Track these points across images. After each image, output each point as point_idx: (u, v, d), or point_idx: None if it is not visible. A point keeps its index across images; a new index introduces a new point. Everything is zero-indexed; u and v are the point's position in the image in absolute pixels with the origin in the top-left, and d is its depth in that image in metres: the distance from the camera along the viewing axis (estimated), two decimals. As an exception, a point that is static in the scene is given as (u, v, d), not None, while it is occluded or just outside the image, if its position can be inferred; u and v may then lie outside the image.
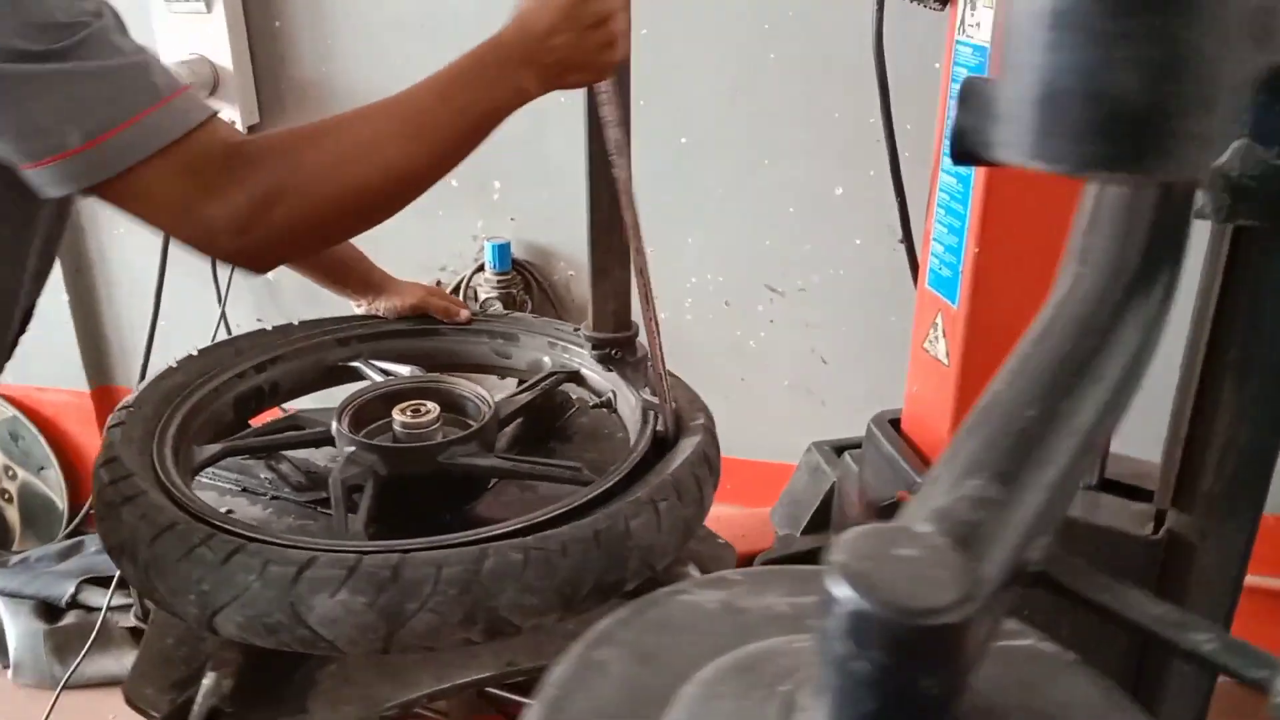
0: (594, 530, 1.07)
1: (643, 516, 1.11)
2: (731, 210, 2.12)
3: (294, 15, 2.25)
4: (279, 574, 0.99)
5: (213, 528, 1.05)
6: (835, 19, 1.93)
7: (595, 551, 1.07)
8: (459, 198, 2.30)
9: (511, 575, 1.02)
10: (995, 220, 1.33)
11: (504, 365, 1.60)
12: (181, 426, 1.29)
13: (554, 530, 1.07)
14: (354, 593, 0.99)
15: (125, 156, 0.93)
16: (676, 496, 1.16)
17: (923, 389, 1.52)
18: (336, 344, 1.57)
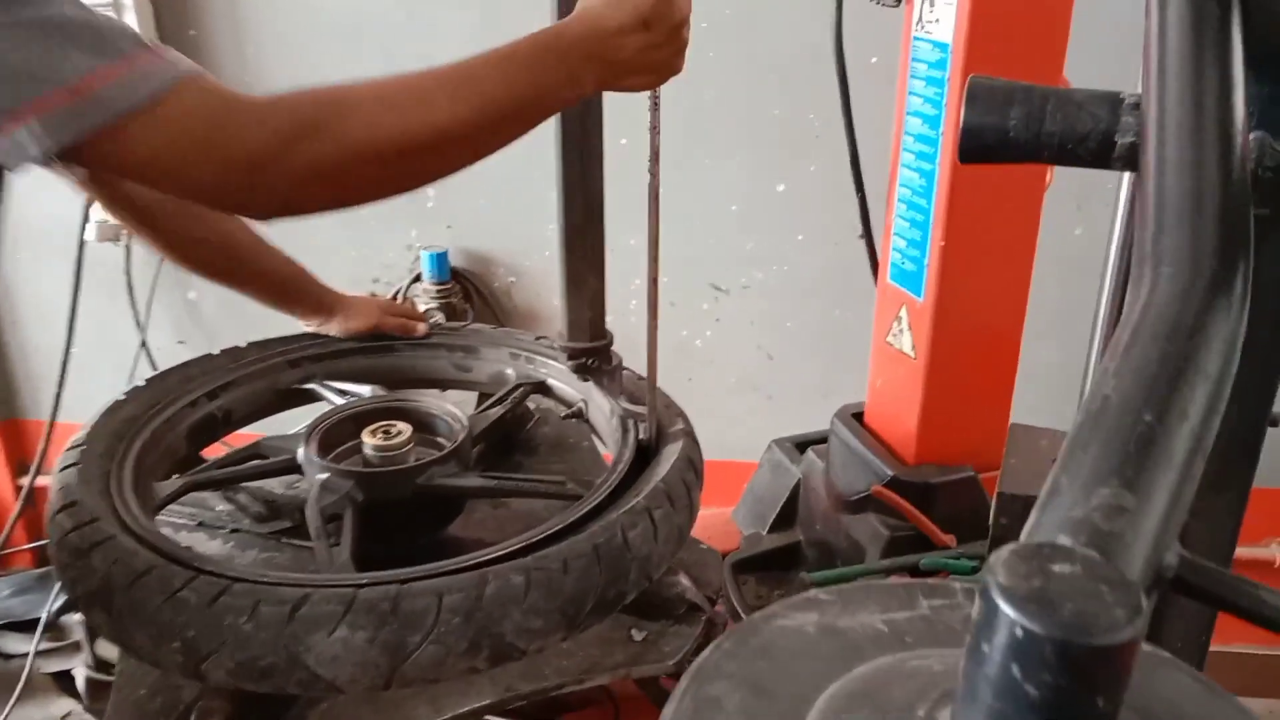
0: (593, 545, 1.05)
1: (639, 526, 1.09)
2: (673, 210, 2.07)
3: (210, 22, 2.15)
4: (272, 614, 0.94)
5: (194, 570, 0.99)
6: (773, 16, 1.94)
7: (596, 567, 1.04)
8: (391, 206, 2.21)
9: (514, 599, 0.99)
10: (961, 213, 1.35)
11: (465, 379, 1.56)
12: (138, 462, 1.21)
13: (552, 548, 1.04)
14: (353, 628, 0.94)
15: (120, 102, 0.83)
16: (669, 503, 1.14)
17: (887, 382, 1.54)
18: (289, 366, 1.50)
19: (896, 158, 1.45)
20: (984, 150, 0.89)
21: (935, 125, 1.35)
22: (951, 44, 1.29)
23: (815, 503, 1.64)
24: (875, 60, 1.53)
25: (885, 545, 1.45)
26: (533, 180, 2.16)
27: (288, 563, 1.27)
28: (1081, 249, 1.94)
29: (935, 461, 1.49)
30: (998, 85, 0.87)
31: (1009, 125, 0.86)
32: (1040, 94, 0.87)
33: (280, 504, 1.35)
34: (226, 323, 2.42)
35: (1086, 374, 1.07)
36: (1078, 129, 0.85)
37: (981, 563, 1.40)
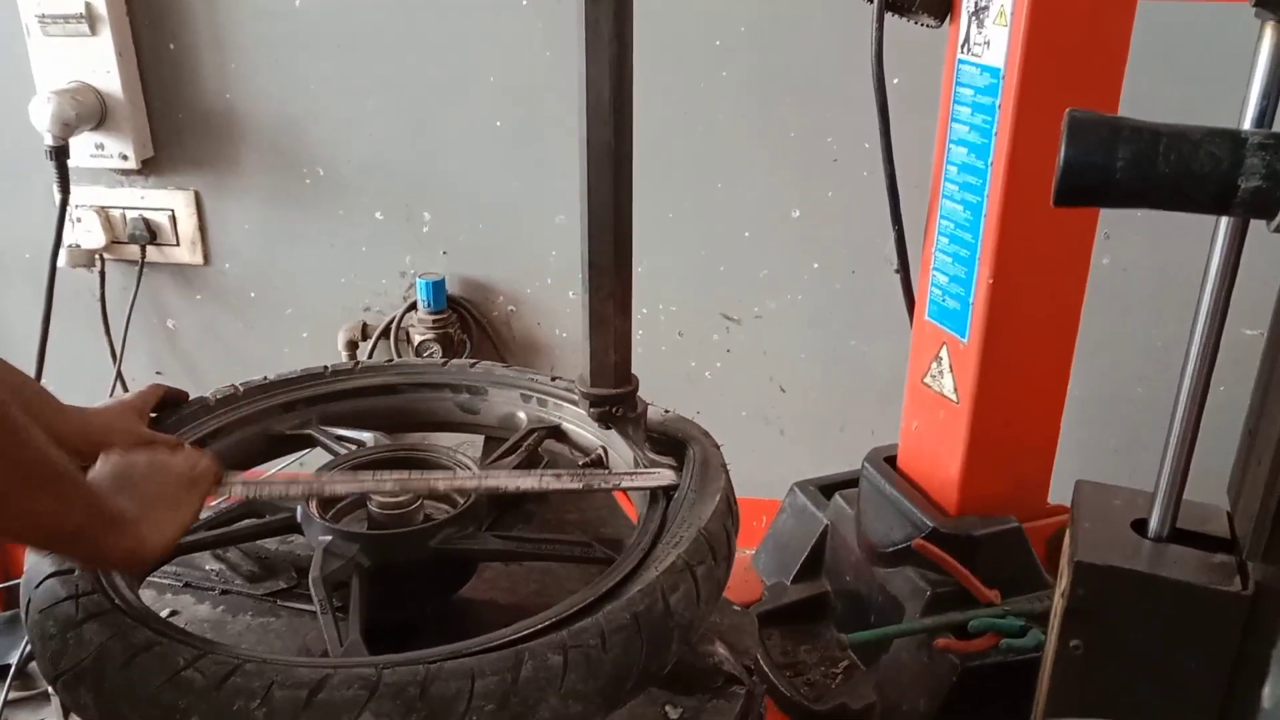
0: (632, 613, 0.94)
1: (681, 589, 0.98)
2: (684, 236, 2.02)
3: (191, 36, 2.04)
4: (287, 699, 0.83)
5: (199, 646, 0.88)
6: (790, 34, 1.85)
7: (638, 639, 0.94)
8: (384, 231, 2.13)
9: (551, 681, 0.88)
10: (1012, 249, 1.26)
11: (470, 422, 1.45)
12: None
13: (589, 620, 0.93)
14: (378, 716, 0.84)
15: None
16: (711, 556, 1.03)
17: (926, 426, 1.44)
18: (282, 409, 1.39)
19: (937, 188, 1.36)
20: (1085, 192, 0.80)
21: (984, 155, 1.26)
22: (1004, 69, 1.21)
23: (845, 552, 1.54)
24: (896, 82, 1.43)
25: (927, 602, 1.36)
26: (532, 203, 2.07)
27: (285, 629, 1.16)
28: (1110, 279, 1.86)
29: (978, 511, 1.40)
30: (1102, 120, 0.78)
31: (1116, 165, 0.77)
32: (1151, 131, 0.78)
33: (274, 561, 1.24)
34: (206, 353, 2.29)
35: (1176, 408, 0.98)
36: (1194, 170, 0.76)
37: (1031, 622, 1.31)
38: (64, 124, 1.96)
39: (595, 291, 1.15)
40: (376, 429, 1.36)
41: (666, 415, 1.31)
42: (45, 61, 2.01)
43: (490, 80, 1.98)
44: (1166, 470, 0.99)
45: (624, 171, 1.10)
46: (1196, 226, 1.13)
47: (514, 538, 1.17)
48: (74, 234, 2.16)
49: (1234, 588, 0.94)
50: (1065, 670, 1.02)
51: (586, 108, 1.06)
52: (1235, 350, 0.97)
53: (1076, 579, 0.98)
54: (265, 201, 2.15)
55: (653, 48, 1.86)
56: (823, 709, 1.39)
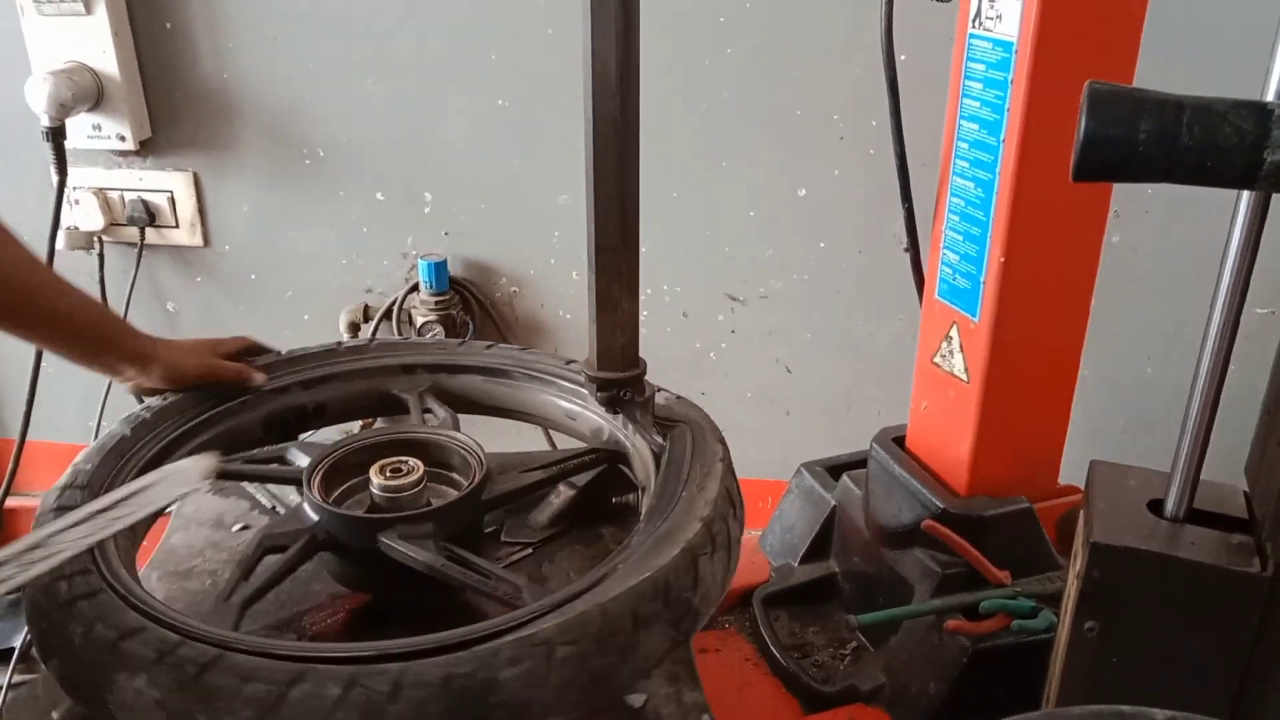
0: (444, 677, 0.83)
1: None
2: (689, 216, 2.00)
3: (187, 15, 2.01)
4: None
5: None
6: (795, 11, 1.83)
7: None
8: (385, 211, 2.11)
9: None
10: (1025, 227, 1.23)
11: (570, 428, 1.36)
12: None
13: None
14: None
15: None
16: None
17: (935, 407, 1.43)
18: (401, 371, 1.38)
19: (947, 165, 1.34)
20: (1106, 167, 0.78)
21: (995, 131, 1.24)
22: (1017, 42, 1.18)
23: (853, 534, 1.53)
24: (904, 58, 1.41)
25: (937, 583, 1.34)
26: (535, 183, 2.04)
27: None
28: (1120, 257, 1.84)
29: (987, 492, 1.39)
30: (1124, 92, 0.76)
31: (1138, 139, 0.75)
32: (1174, 103, 0.75)
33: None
34: (206, 335, 2.26)
35: (1194, 386, 0.96)
36: (1219, 144, 0.74)
37: (1042, 603, 1.30)
38: (60, 105, 1.93)
39: (601, 272, 1.14)
40: (481, 412, 1.37)
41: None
42: (40, 42, 1.98)
43: (492, 59, 1.95)
44: (1184, 450, 0.98)
45: (630, 148, 1.08)
46: (1208, 204, 1.12)
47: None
48: (72, 216, 2.14)
49: (1253, 569, 0.93)
50: (1079, 653, 1.00)
51: (592, 83, 1.04)
52: (1246, 328, 0.95)
53: (1092, 560, 0.97)
54: (265, 183, 2.13)
55: (656, 24, 1.83)
56: (831, 691, 1.38)
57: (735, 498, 1.11)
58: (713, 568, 0.98)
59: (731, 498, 1.09)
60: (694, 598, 0.94)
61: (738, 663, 1.46)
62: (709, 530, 1.00)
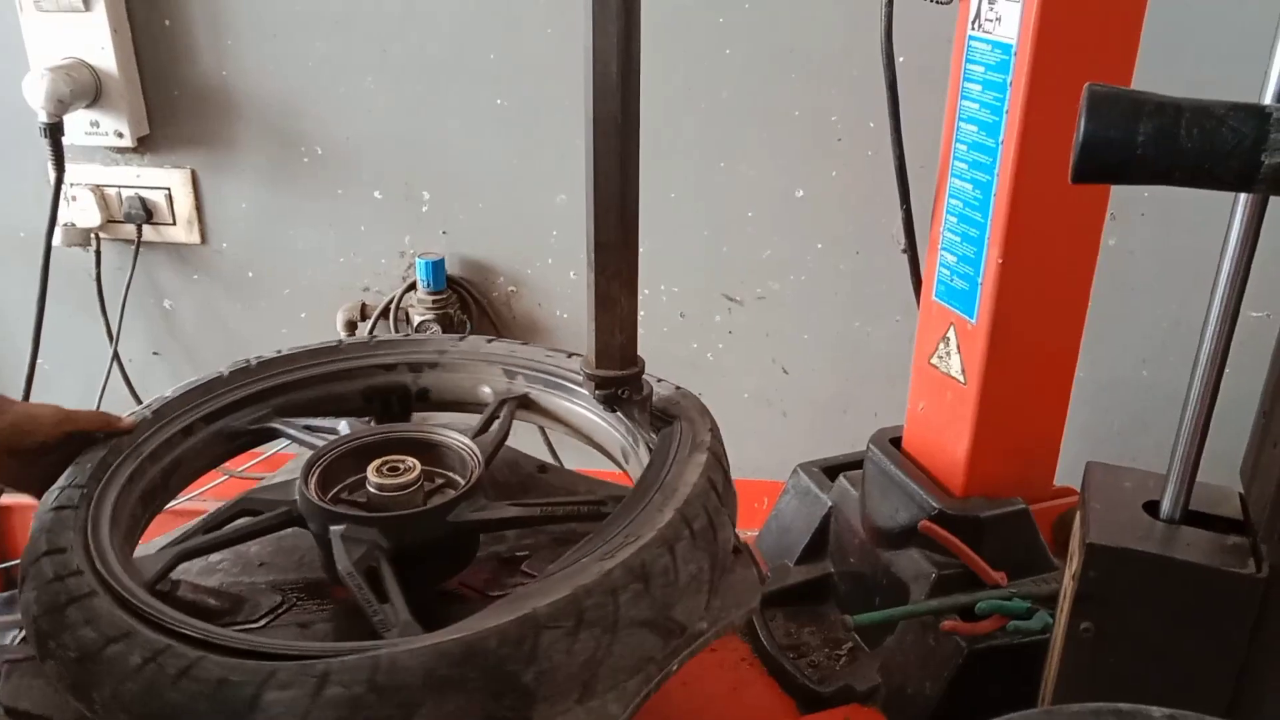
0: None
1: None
2: (686, 216, 2.00)
3: (186, 13, 2.01)
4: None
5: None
6: (794, 12, 1.83)
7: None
8: (383, 210, 2.11)
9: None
10: (1023, 229, 1.24)
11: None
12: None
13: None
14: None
15: None
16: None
17: (932, 408, 1.43)
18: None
19: (946, 167, 1.34)
20: (1104, 169, 0.78)
21: (994, 133, 1.24)
22: (1016, 45, 1.19)
23: (849, 534, 1.53)
24: (903, 60, 1.41)
25: (932, 584, 1.35)
26: (533, 182, 2.04)
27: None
28: (1116, 260, 1.84)
29: (984, 493, 1.39)
30: (1123, 95, 0.76)
31: (1137, 141, 0.76)
32: (1173, 105, 0.76)
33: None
34: (203, 333, 2.27)
35: (1190, 388, 0.96)
36: (1217, 146, 0.75)
37: (1037, 604, 1.30)
38: (58, 101, 1.93)
39: (600, 270, 1.14)
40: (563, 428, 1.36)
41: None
42: (39, 38, 1.98)
43: (491, 58, 1.96)
44: (1180, 451, 0.98)
45: (631, 147, 1.08)
46: (1204, 207, 1.12)
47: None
48: (69, 213, 2.13)
49: (1247, 570, 0.93)
50: (1075, 653, 1.01)
51: (593, 81, 1.04)
52: (1242, 331, 0.95)
53: (1088, 561, 0.97)
54: (263, 180, 2.12)
55: (655, 25, 1.83)
56: (827, 691, 1.38)
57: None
58: (567, 644, 0.87)
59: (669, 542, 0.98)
60: (524, 672, 0.84)
61: (733, 663, 1.46)
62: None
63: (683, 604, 0.96)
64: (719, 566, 1.03)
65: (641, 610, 0.91)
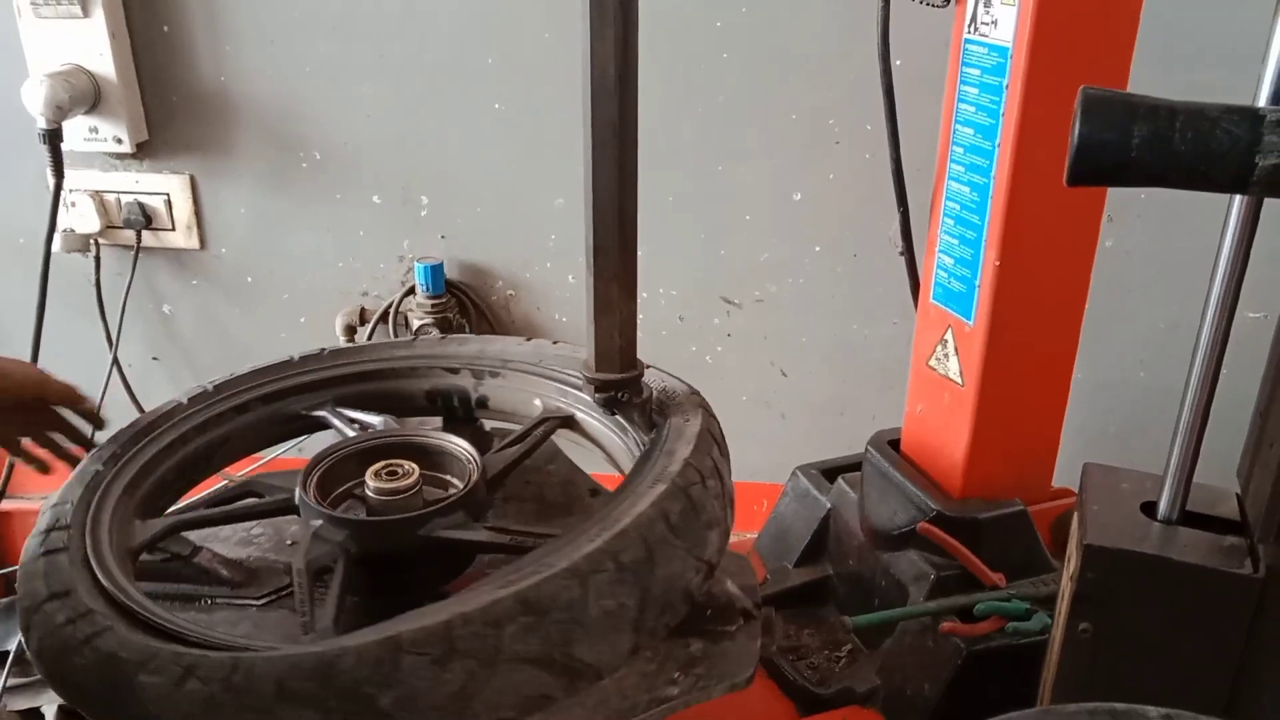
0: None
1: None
2: (684, 219, 2.00)
3: (185, 18, 2.01)
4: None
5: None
6: (791, 16, 1.83)
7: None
8: (382, 215, 2.11)
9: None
10: (1019, 231, 1.24)
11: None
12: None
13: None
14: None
15: None
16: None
17: (930, 410, 1.43)
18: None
19: (943, 170, 1.35)
20: (1100, 173, 0.78)
21: (990, 136, 1.25)
22: (1012, 48, 1.19)
23: (848, 536, 1.54)
24: (900, 63, 1.42)
25: (931, 585, 1.35)
26: (531, 187, 2.05)
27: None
28: (1113, 262, 1.85)
29: (982, 494, 1.39)
30: (1117, 98, 0.77)
31: (1132, 144, 0.76)
32: (1167, 108, 0.76)
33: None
34: (202, 338, 2.28)
35: (1187, 390, 0.97)
36: (1211, 149, 0.75)
37: (1036, 606, 1.30)
38: (57, 107, 1.93)
39: (599, 274, 1.14)
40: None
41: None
42: (37, 44, 1.98)
43: (489, 62, 1.96)
44: (1176, 452, 0.98)
45: (629, 151, 1.08)
46: (1200, 209, 1.13)
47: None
48: (68, 218, 2.13)
49: (1245, 571, 0.94)
50: (1073, 654, 1.01)
51: (591, 85, 1.04)
52: (1238, 333, 0.95)
53: (1086, 562, 0.98)
54: (261, 185, 2.13)
55: (652, 28, 1.84)
56: (826, 693, 1.39)
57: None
58: (433, 671, 0.84)
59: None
60: (380, 696, 0.82)
61: (733, 665, 1.46)
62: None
63: (591, 643, 0.89)
64: (663, 606, 0.95)
65: (531, 645, 0.86)
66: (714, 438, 1.15)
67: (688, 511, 0.99)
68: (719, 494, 1.06)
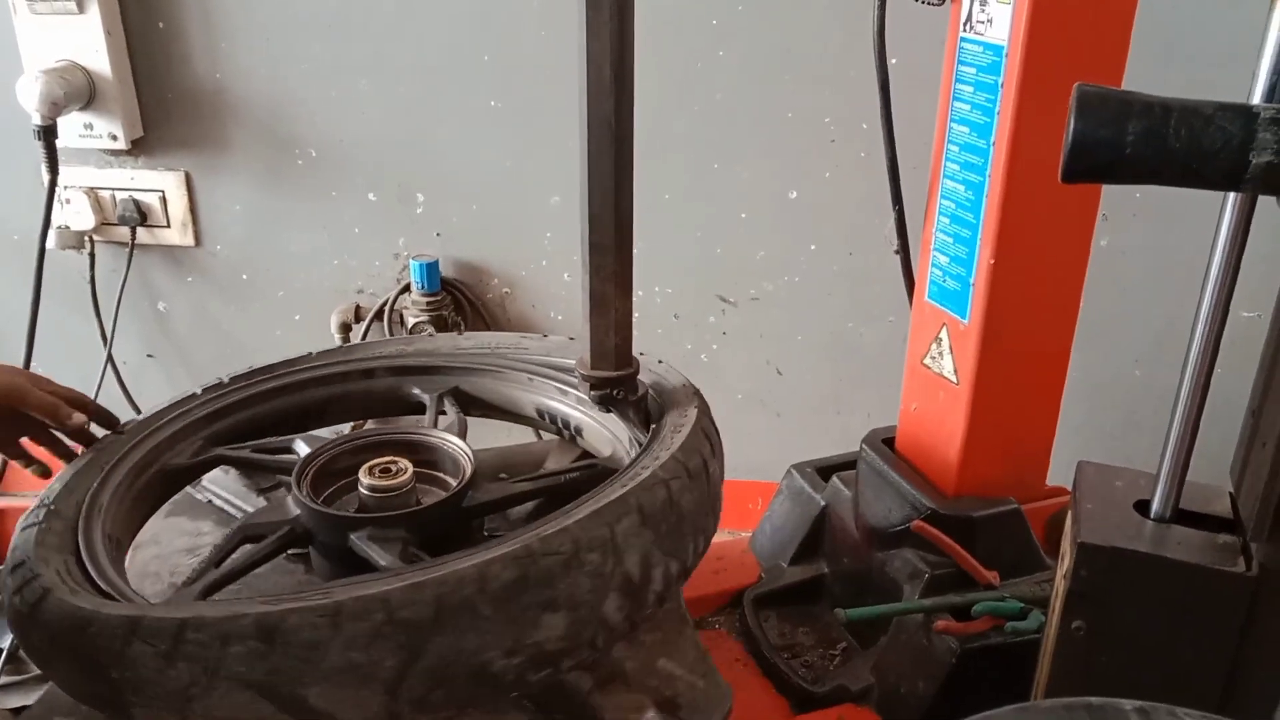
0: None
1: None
2: (680, 217, 2.00)
3: (180, 15, 2.01)
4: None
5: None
6: (788, 14, 1.83)
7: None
8: (377, 212, 2.11)
9: None
10: (1014, 230, 1.25)
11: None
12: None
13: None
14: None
15: None
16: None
17: (925, 408, 1.43)
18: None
19: (938, 168, 1.35)
20: (1094, 169, 0.79)
21: (985, 134, 1.25)
22: (1007, 46, 1.19)
23: (843, 534, 1.54)
24: (895, 62, 1.42)
25: (926, 584, 1.35)
26: (527, 185, 2.05)
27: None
28: (1108, 261, 1.85)
29: (976, 493, 1.40)
30: (1112, 95, 0.77)
31: (1126, 141, 0.76)
32: (1161, 105, 0.76)
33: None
34: (197, 335, 2.27)
35: (1180, 388, 0.97)
36: (1205, 146, 0.75)
37: (1030, 605, 1.31)
38: (52, 103, 1.93)
39: (596, 272, 1.14)
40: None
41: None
42: (32, 40, 1.98)
43: (485, 59, 1.96)
44: (1170, 451, 0.99)
45: (625, 149, 1.08)
46: (1195, 207, 1.13)
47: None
48: (63, 215, 2.13)
49: (1237, 569, 0.94)
50: (1067, 652, 1.01)
51: (587, 83, 1.04)
52: (1232, 332, 0.96)
53: (1079, 560, 0.98)
54: (257, 183, 2.13)
55: (649, 26, 1.84)
56: (821, 691, 1.39)
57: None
58: (159, 664, 0.83)
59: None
60: (112, 669, 0.83)
61: (728, 663, 1.47)
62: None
63: (327, 691, 0.82)
64: (438, 678, 0.85)
65: (253, 671, 0.81)
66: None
67: (519, 582, 0.85)
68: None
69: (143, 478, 1.19)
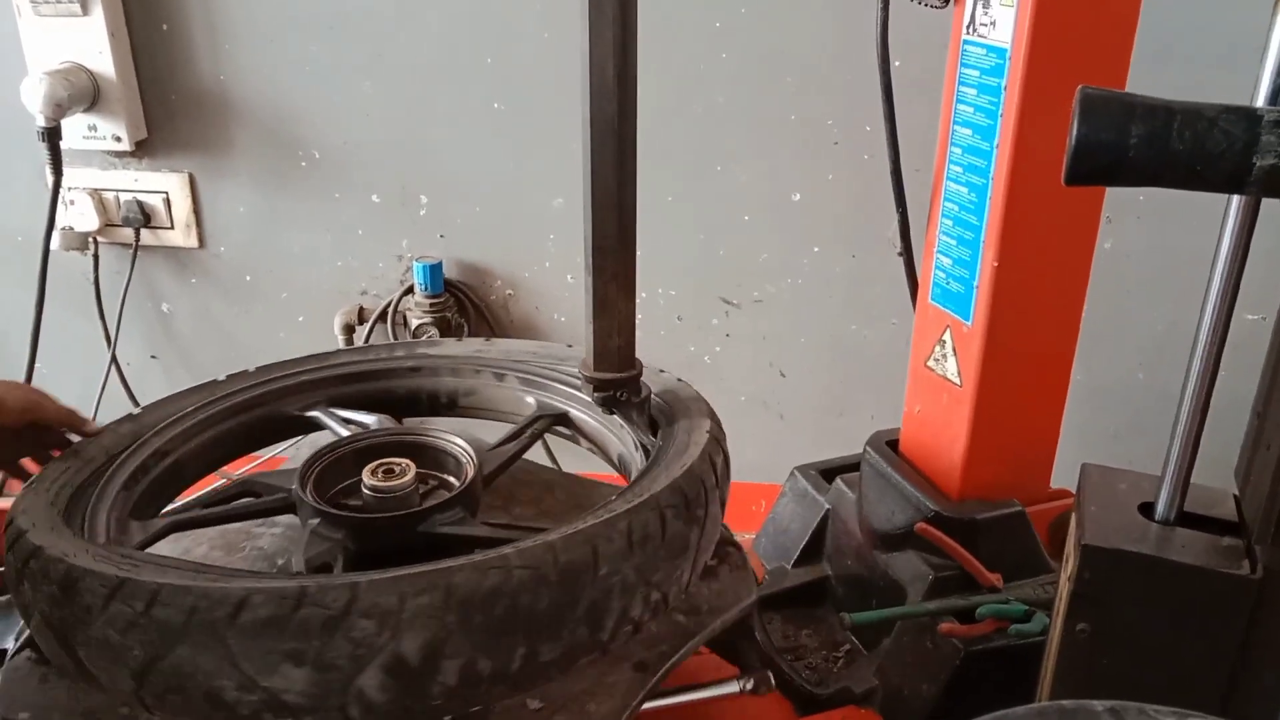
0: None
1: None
2: (683, 219, 2.00)
3: (184, 17, 2.01)
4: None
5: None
6: (790, 17, 1.84)
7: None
8: (381, 214, 2.11)
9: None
10: (1017, 231, 1.24)
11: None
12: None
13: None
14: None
15: None
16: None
17: (928, 410, 1.43)
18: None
19: (941, 170, 1.35)
20: (1098, 172, 0.78)
21: (989, 136, 1.25)
22: (1010, 48, 1.19)
23: (846, 537, 1.53)
24: (899, 64, 1.42)
25: (930, 586, 1.35)
26: (530, 186, 2.05)
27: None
28: (1111, 263, 1.85)
29: (980, 495, 1.39)
30: (1115, 98, 0.77)
31: (1129, 144, 0.76)
32: (1164, 108, 0.76)
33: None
34: (201, 336, 2.28)
35: (1185, 390, 0.97)
36: (1209, 149, 0.75)
37: (1034, 607, 1.30)
38: (56, 105, 1.93)
39: (598, 273, 1.14)
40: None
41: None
42: (37, 42, 1.98)
43: (488, 62, 1.96)
44: (1175, 453, 0.98)
45: (628, 151, 1.08)
46: (1199, 210, 1.13)
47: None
48: (67, 216, 2.13)
49: (1242, 571, 0.94)
50: (1071, 654, 1.01)
51: (590, 86, 1.04)
52: (1236, 335, 0.96)
53: (1083, 562, 0.98)
54: (260, 184, 2.13)
55: (652, 29, 1.84)
56: (824, 693, 1.38)
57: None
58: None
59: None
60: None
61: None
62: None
63: (91, 654, 0.87)
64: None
65: (52, 614, 0.88)
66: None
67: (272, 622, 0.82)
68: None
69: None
